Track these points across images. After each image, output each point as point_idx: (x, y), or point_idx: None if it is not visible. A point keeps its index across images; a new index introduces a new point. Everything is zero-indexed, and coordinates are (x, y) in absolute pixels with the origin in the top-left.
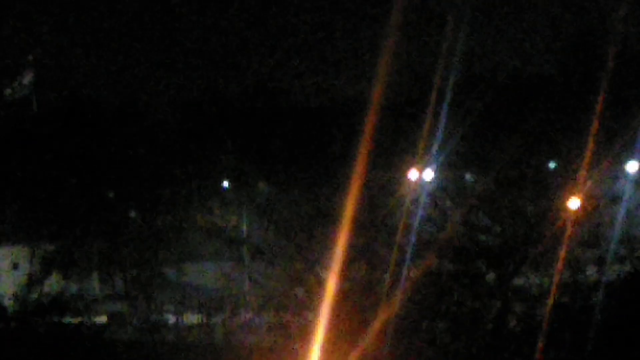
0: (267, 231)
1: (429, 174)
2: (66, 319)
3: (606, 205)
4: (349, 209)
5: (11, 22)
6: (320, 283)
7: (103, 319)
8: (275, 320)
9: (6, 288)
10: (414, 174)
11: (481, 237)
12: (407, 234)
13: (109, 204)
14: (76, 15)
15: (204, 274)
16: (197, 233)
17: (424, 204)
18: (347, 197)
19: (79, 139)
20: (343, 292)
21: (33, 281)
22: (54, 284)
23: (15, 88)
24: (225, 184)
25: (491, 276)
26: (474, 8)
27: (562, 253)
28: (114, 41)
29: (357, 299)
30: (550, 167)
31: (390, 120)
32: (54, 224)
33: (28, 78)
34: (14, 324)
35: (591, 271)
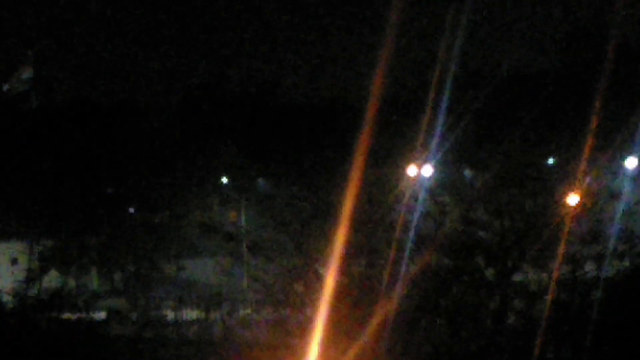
0: (265, 227)
1: (427, 170)
2: (65, 315)
3: (605, 202)
4: (348, 204)
5: (10, 18)
6: (319, 279)
7: (102, 314)
8: (274, 316)
9: (5, 283)
10: (412, 169)
11: (480, 233)
12: (406, 230)
13: (108, 199)
14: (75, 11)
15: (203, 269)
16: (196, 229)
17: (422, 200)
18: (346, 193)
19: (78, 135)
20: (342, 288)
21: (32, 277)
22: (52, 279)
23: (14, 84)
24: (224, 179)
25: (490, 272)
26: (472, 5)
27: (561, 249)
28: (112, 37)
29: (356, 294)
30: (549, 163)
31: (389, 116)
32: (53, 220)
33: (27, 74)
34: (12, 320)
35: (590, 267)
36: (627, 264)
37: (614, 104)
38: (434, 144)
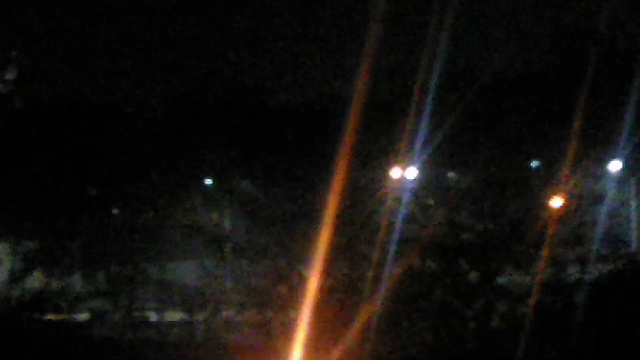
0: (249, 229)
1: (411, 172)
2: (48, 316)
3: (589, 205)
4: (332, 206)
5: None
6: (302, 281)
7: (85, 316)
8: (257, 318)
9: None
10: (396, 172)
11: (464, 235)
12: (389, 232)
13: (91, 200)
14: (61, 10)
15: (186, 271)
16: (179, 230)
17: (406, 202)
18: (329, 195)
19: (61, 136)
20: (325, 290)
21: (15, 278)
22: (36, 280)
23: None
24: (208, 181)
25: (474, 275)
26: (457, 5)
27: (545, 252)
28: (97, 37)
29: (340, 296)
30: (533, 166)
31: (373, 118)
32: (36, 221)
33: (11, 74)
34: None
35: (573, 270)
36: (610, 266)
37: (598, 107)
38: (417, 146)
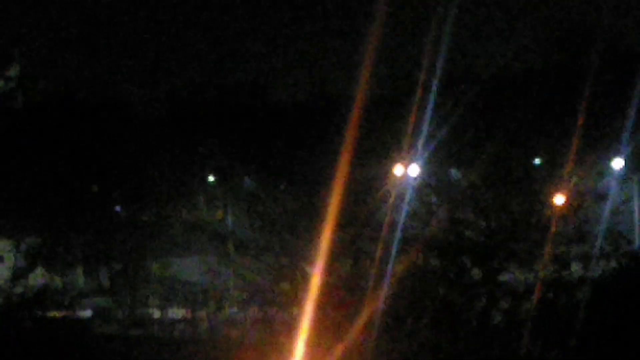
0: (252, 226)
1: (414, 169)
2: (51, 313)
3: (591, 202)
4: (334, 204)
5: None
6: (305, 278)
7: (88, 313)
8: (260, 315)
9: None
10: (399, 169)
11: (466, 232)
12: (392, 229)
13: (94, 197)
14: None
15: (189, 268)
16: (182, 227)
17: (409, 199)
18: (332, 192)
19: (64, 133)
20: (328, 287)
21: (18, 275)
22: (38, 277)
23: (0, 82)
24: (211, 178)
25: (476, 272)
26: (460, 3)
27: (548, 249)
28: (98, 35)
29: (342, 294)
30: (536, 163)
31: (375, 115)
32: (39, 217)
33: (13, 72)
34: None
35: (576, 267)
36: (613, 264)
37: (601, 104)
38: (420, 143)
